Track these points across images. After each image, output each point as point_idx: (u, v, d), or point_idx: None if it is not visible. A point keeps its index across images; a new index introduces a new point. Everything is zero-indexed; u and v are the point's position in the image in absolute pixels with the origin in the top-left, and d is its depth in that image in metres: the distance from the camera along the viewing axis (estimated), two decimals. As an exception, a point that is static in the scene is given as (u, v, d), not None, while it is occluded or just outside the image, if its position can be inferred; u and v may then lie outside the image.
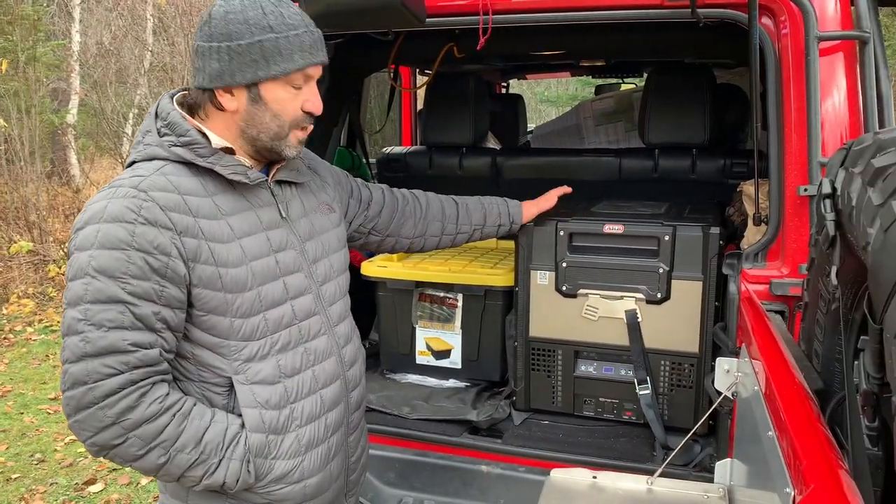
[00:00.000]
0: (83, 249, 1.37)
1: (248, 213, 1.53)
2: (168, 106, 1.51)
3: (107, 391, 1.35)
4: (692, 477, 2.08)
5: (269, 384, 1.53)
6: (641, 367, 2.32)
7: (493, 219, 2.27)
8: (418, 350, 2.80)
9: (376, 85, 4.72)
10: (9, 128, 8.32)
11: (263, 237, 1.54)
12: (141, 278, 1.37)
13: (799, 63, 2.03)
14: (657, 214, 2.46)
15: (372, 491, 2.36)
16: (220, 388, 1.51)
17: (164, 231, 1.39)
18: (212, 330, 1.48)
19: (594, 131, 4.25)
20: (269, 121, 1.51)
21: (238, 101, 1.49)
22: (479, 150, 3.40)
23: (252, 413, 1.51)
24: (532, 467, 2.29)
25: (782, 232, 2.06)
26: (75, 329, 1.36)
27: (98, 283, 1.35)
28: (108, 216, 1.37)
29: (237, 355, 1.50)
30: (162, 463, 1.42)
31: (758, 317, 1.81)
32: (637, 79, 5.48)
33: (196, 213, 1.44)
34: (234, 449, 1.48)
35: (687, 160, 2.98)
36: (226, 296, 1.46)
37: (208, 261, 1.44)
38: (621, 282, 2.34)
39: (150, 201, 1.39)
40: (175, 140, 1.47)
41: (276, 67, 1.46)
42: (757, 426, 1.45)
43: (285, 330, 1.56)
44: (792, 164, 2.03)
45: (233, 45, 1.43)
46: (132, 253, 1.36)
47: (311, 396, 1.60)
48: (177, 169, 1.46)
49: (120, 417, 1.37)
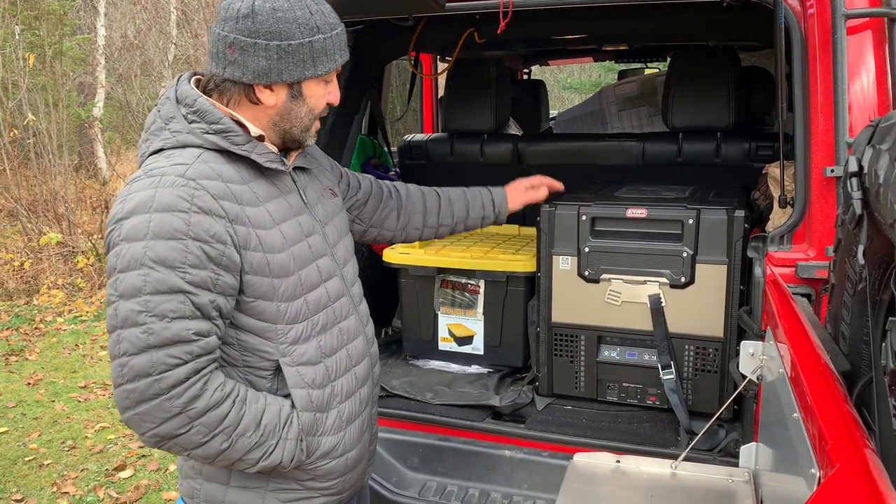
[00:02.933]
0: (134, 240, 1.36)
1: (280, 199, 1.56)
2: (192, 92, 1.50)
3: (173, 381, 1.36)
4: (717, 461, 2.06)
5: (313, 364, 1.58)
6: (665, 352, 2.30)
7: (477, 210, 2.24)
8: (441, 336, 2.81)
9: (397, 73, 4.72)
10: (37, 122, 8.44)
11: (296, 223, 1.58)
12: (198, 267, 1.38)
13: (826, 42, 1.99)
14: (681, 198, 2.43)
15: (396, 475, 2.37)
16: (264, 371, 1.54)
17: (217, 219, 1.40)
18: (260, 315, 1.51)
19: (617, 116, 4.22)
20: (304, 115, 1.55)
21: (277, 96, 1.50)
22: (501, 136, 3.39)
23: (301, 393, 1.55)
24: (555, 452, 2.29)
25: (808, 214, 2.03)
26: (135, 321, 1.35)
27: (158, 274, 1.35)
28: (160, 206, 1.36)
29: (283, 338, 1.53)
30: (224, 448, 1.44)
31: (784, 300, 1.79)
32: (660, 63, 5.42)
33: (240, 201, 1.46)
34: (289, 429, 1.52)
35: (711, 144, 2.95)
36: (273, 281, 1.49)
37: (257, 247, 1.46)
38: (645, 266, 2.32)
39: (201, 189, 1.39)
40: (206, 128, 1.47)
41: (322, 67, 1.50)
42: (783, 409, 1.44)
43: (322, 312, 1.61)
44: (818, 145, 2.00)
45: (283, 45, 1.44)
46: (189, 242, 1.37)
47: (347, 374, 1.66)
48: (213, 157, 1.47)
49: (187, 407, 1.38)
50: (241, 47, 1.44)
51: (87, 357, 5.67)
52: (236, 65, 1.45)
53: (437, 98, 4.75)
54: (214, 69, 1.49)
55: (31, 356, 5.69)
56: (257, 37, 1.43)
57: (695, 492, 1.86)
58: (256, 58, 1.44)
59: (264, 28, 1.43)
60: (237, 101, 1.51)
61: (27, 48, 8.84)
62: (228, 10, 1.45)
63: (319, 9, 1.49)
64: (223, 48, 1.45)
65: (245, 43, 1.43)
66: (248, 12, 1.43)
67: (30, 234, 7.96)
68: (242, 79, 1.46)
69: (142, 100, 11.09)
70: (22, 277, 7.30)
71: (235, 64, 1.45)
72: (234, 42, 1.44)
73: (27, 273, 7.34)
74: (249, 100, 1.50)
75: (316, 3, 1.49)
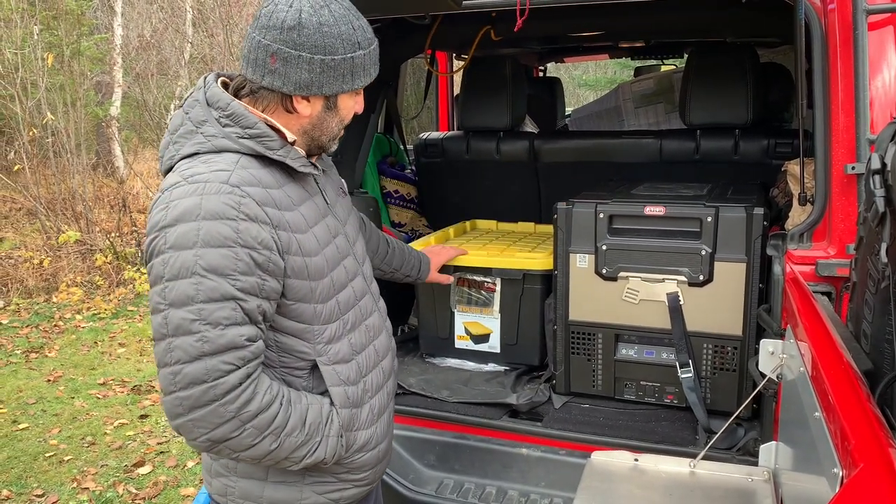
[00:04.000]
0: (183, 248, 1.36)
1: (309, 202, 1.58)
2: (224, 95, 1.50)
3: (228, 387, 1.38)
4: (735, 460, 2.05)
5: (346, 362, 1.62)
6: (683, 351, 2.29)
7: (408, 269, 2.38)
8: (457, 334, 2.81)
9: (412, 72, 4.72)
10: (56, 121, 8.52)
11: (324, 225, 1.60)
12: (248, 274, 1.39)
13: (847, 38, 1.97)
14: (699, 196, 2.42)
15: (413, 473, 2.38)
16: (301, 371, 1.58)
17: (264, 226, 1.42)
18: (299, 317, 1.54)
19: (634, 113, 4.20)
20: (335, 125, 1.58)
21: (313, 107, 1.52)
22: (517, 134, 3.38)
23: (338, 391, 1.59)
24: (572, 450, 2.29)
25: (829, 212, 2.01)
26: (188, 329, 1.35)
27: (210, 282, 1.36)
28: (207, 213, 1.37)
29: (319, 338, 1.57)
30: (272, 449, 1.47)
31: (804, 298, 1.77)
32: (677, 60, 5.39)
33: (280, 206, 1.47)
34: (331, 426, 1.56)
35: (729, 141, 2.93)
36: (310, 283, 1.53)
37: (297, 252, 1.49)
38: (663, 264, 2.31)
39: (247, 197, 1.40)
40: (241, 132, 1.47)
41: (359, 81, 1.53)
42: (803, 408, 1.43)
43: (351, 311, 1.65)
44: (839, 142, 1.98)
45: (327, 60, 1.45)
46: (239, 250, 1.38)
47: (375, 369, 1.71)
48: (250, 162, 1.47)
49: (240, 411, 1.39)
50: (283, 58, 1.44)
51: (105, 354, 5.73)
52: (277, 74, 1.46)
53: (453, 96, 4.75)
54: (251, 76, 1.48)
55: (50, 353, 5.75)
56: (302, 49, 1.43)
57: (713, 490, 1.85)
58: (299, 70, 1.45)
59: (310, 42, 1.43)
60: (273, 108, 1.52)
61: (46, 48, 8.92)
62: (272, 19, 1.44)
63: (360, 24, 1.51)
64: (264, 56, 1.45)
65: (289, 55, 1.44)
66: (295, 24, 1.43)
67: (49, 233, 8.04)
68: (283, 89, 1.47)
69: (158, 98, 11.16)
70: (41, 275, 7.38)
71: (276, 73, 1.46)
72: (278, 52, 1.44)
73: (46, 271, 7.42)
74: (285, 108, 1.52)
75: (357, 19, 1.51)
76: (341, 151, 3.06)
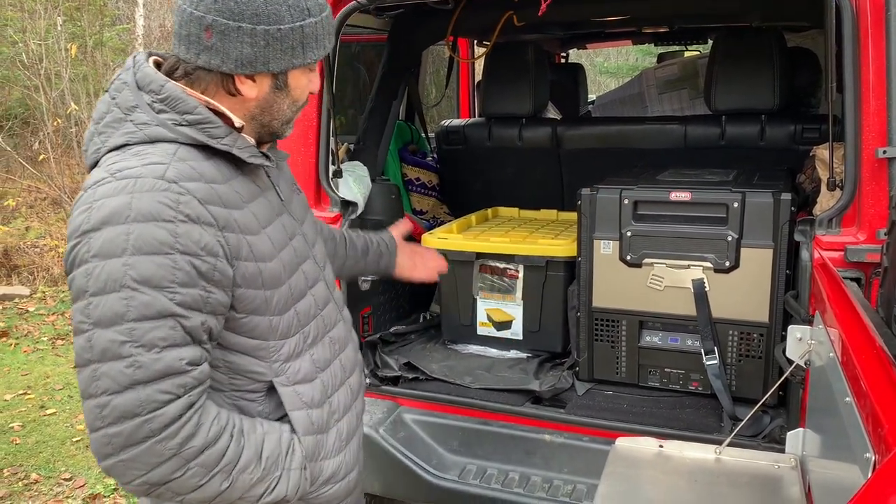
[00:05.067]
0: (110, 256, 1.15)
1: (261, 199, 1.38)
2: (157, 76, 1.29)
3: (167, 420, 1.17)
4: (762, 447, 2.04)
5: (309, 382, 1.44)
6: (709, 337, 2.27)
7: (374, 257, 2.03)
8: (479, 321, 2.81)
9: (433, 59, 4.71)
10: (79, 111, 8.60)
11: (279, 224, 1.41)
12: (189, 285, 1.19)
13: (878, 20, 1.94)
14: (725, 181, 2.40)
15: (436, 458, 2.39)
16: (255, 394, 1.39)
17: (207, 228, 1.22)
18: (252, 332, 1.35)
19: (657, 100, 4.16)
20: (287, 107, 1.38)
21: (259, 87, 1.32)
22: (539, 120, 3.37)
23: (300, 415, 1.40)
24: (596, 437, 2.28)
25: (858, 197, 1.98)
26: (117, 353, 1.15)
27: (143, 296, 1.15)
28: (139, 214, 1.17)
29: (276, 356, 1.38)
30: (224, 489, 1.27)
31: (833, 283, 1.75)
32: (701, 45, 5.33)
33: (226, 204, 1.27)
34: (292, 458, 1.38)
35: (755, 126, 2.90)
36: (265, 293, 1.33)
37: (248, 257, 1.30)
38: (688, 250, 2.29)
39: (187, 194, 1.20)
40: (178, 118, 1.27)
41: (312, 54, 1.32)
42: (833, 394, 1.41)
43: (312, 322, 1.46)
44: (870, 126, 1.95)
45: (272, 30, 1.25)
46: (178, 257, 1.18)
47: (342, 387, 1.53)
48: (190, 153, 1.27)
49: (182, 447, 1.20)
50: (221, 31, 1.24)
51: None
52: (214, 51, 1.25)
53: (475, 83, 4.73)
54: (185, 54, 1.28)
55: (76, 340, 5.83)
56: (242, 20, 1.23)
57: (739, 477, 1.85)
58: (240, 44, 1.25)
59: (251, 10, 1.23)
60: (213, 91, 1.31)
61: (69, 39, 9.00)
62: None
63: None
64: (197, 31, 1.25)
65: (226, 26, 1.23)
66: None
67: (73, 222, 8.12)
68: (221, 67, 1.27)
69: (180, 89, 11.23)
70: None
71: (213, 50, 1.25)
72: (213, 24, 1.24)
73: (71, 259, 7.51)
74: (227, 91, 1.31)
75: None
76: (363, 139, 3.07)
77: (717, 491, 1.80)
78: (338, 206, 2.54)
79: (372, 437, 2.35)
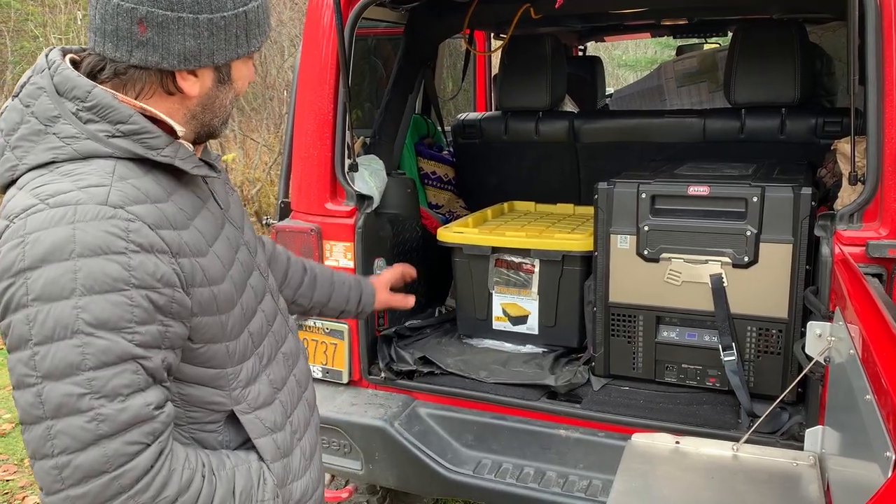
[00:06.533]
0: (56, 299, 1.02)
1: (204, 211, 1.25)
2: (82, 81, 1.13)
3: (139, 473, 1.06)
4: (780, 445, 2.02)
5: (269, 405, 1.35)
6: (727, 333, 2.25)
7: (339, 301, 1.87)
8: (495, 315, 2.80)
9: (449, 53, 4.70)
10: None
11: (224, 238, 1.29)
12: (147, 322, 1.08)
13: (903, 11, 1.90)
14: (744, 175, 2.37)
15: (451, 452, 2.38)
16: (214, 424, 1.29)
17: (162, 257, 1.10)
18: (209, 362, 1.24)
19: (676, 93, 4.12)
20: (229, 102, 1.26)
21: (202, 83, 1.19)
22: (556, 113, 3.34)
23: (266, 441, 1.32)
24: (612, 432, 2.27)
25: (881, 191, 1.95)
26: (75, 408, 1.02)
27: (101, 342, 1.03)
28: (84, 248, 1.03)
29: (235, 383, 1.28)
30: None
31: (854, 279, 1.73)
32: (720, 38, 5.27)
33: (175, 225, 1.14)
34: (264, 488, 1.29)
35: (776, 120, 2.86)
36: (220, 318, 1.23)
37: (202, 282, 1.18)
38: (706, 245, 2.27)
39: (136, 220, 1.08)
40: (111, 129, 1.12)
41: (255, 42, 1.22)
42: (853, 391, 1.39)
43: (266, 340, 1.38)
44: (893, 119, 1.92)
45: (215, 18, 1.14)
46: (133, 293, 1.05)
47: (300, 403, 1.46)
48: (128, 169, 1.12)
49: (156, 499, 1.09)
50: (158, 23, 1.10)
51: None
52: (151, 47, 1.12)
53: (491, 76, 4.71)
54: (114, 53, 1.13)
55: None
56: (181, 9, 1.11)
57: (757, 474, 1.83)
58: (182, 36, 1.12)
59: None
60: (149, 92, 1.17)
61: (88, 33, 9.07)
62: None
63: None
64: (128, 25, 1.10)
65: (165, 17, 1.10)
66: None
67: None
68: (161, 64, 1.13)
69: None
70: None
71: (150, 46, 1.11)
72: (148, 17, 1.10)
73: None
74: (166, 90, 1.17)
75: None
76: (379, 132, 3.06)
77: (734, 488, 1.78)
78: (353, 199, 2.53)
79: (387, 430, 2.35)
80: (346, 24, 2.44)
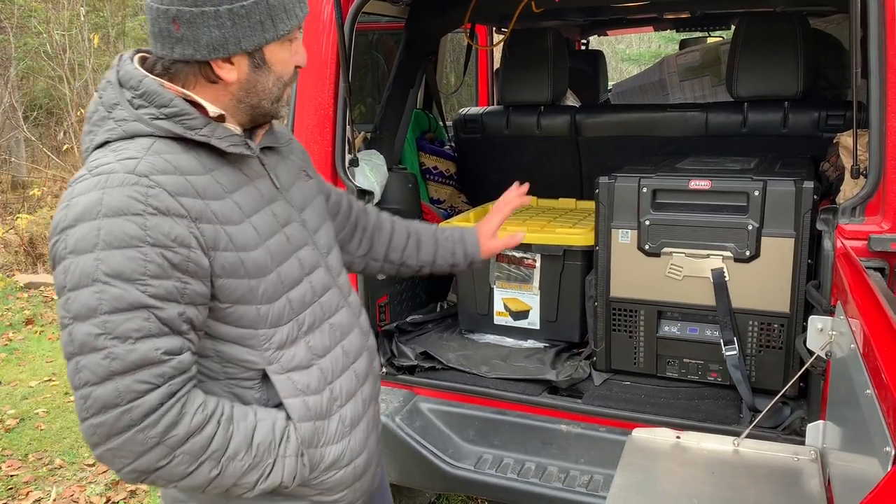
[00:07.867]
0: (82, 252, 1.18)
1: (248, 187, 1.38)
2: (136, 72, 1.30)
3: (146, 410, 1.19)
4: (781, 439, 2.01)
5: (304, 369, 1.42)
6: (728, 328, 2.24)
7: (446, 258, 1.96)
8: (496, 310, 2.80)
9: (451, 47, 4.68)
10: (102, 101, 8.68)
11: (269, 212, 1.40)
12: (161, 277, 1.20)
13: (905, 3, 1.89)
14: (746, 169, 2.36)
15: (452, 447, 2.38)
16: (251, 381, 1.39)
17: (178, 220, 1.22)
18: (239, 321, 1.34)
19: (679, 87, 4.10)
20: (272, 85, 1.36)
21: (238, 70, 1.31)
22: (558, 108, 3.33)
23: (295, 402, 1.39)
24: (613, 427, 2.27)
25: (883, 184, 1.94)
26: (93, 346, 1.17)
27: (114, 290, 1.17)
28: (109, 210, 1.18)
29: (268, 344, 1.38)
30: (214, 476, 1.28)
31: (856, 273, 1.72)
32: (724, 32, 5.25)
33: (203, 195, 1.28)
34: (287, 445, 1.37)
35: (778, 113, 2.85)
36: (250, 282, 1.33)
37: (228, 247, 1.29)
38: (708, 240, 2.26)
39: (156, 187, 1.21)
40: (156, 112, 1.28)
41: (283, 26, 1.31)
42: (854, 386, 1.39)
43: (308, 309, 1.45)
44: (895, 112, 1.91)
45: (234, 8, 1.25)
46: (148, 250, 1.19)
47: (345, 373, 1.51)
48: (168, 146, 1.28)
49: (164, 436, 1.21)
50: (187, 20, 1.24)
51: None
52: (185, 42, 1.26)
53: (493, 70, 4.70)
54: (161, 51, 1.29)
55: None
56: (203, 3, 1.24)
57: (758, 469, 1.82)
58: (207, 28, 1.25)
59: None
60: (193, 82, 1.32)
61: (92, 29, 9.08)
62: None
63: None
64: (166, 25, 1.26)
65: (191, 14, 1.24)
66: None
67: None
68: (195, 56, 1.27)
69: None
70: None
71: (184, 41, 1.26)
72: (178, 15, 1.24)
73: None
74: (208, 79, 1.31)
75: None
76: (380, 127, 3.06)
77: (735, 483, 1.78)
78: (354, 194, 2.53)
79: (388, 426, 2.35)
80: (346, 18, 2.44)
